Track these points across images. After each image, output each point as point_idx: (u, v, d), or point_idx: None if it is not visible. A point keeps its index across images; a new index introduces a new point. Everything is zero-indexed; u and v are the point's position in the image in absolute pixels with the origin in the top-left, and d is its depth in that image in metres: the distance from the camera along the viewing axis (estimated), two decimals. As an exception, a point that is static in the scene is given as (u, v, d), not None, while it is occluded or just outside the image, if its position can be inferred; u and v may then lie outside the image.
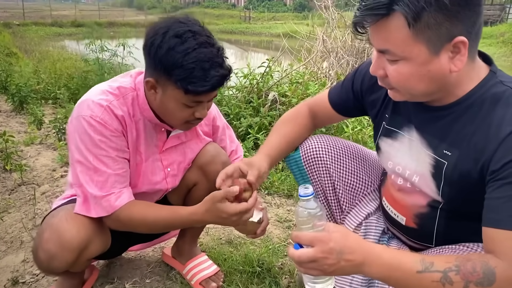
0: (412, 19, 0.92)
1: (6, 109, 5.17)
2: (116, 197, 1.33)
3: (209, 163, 1.57)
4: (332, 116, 1.48)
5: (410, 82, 1.02)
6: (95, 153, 1.30)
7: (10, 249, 2.15)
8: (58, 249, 1.29)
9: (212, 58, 1.24)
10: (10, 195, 2.80)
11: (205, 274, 1.70)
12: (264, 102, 4.10)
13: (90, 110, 1.29)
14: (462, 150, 1.06)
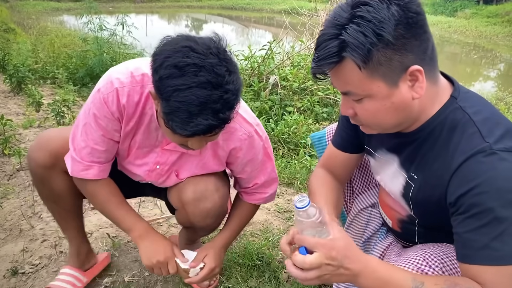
0: (362, 62, 0.94)
1: (4, 90, 5.11)
2: (83, 168, 1.41)
3: (188, 203, 1.50)
4: (345, 160, 1.40)
5: (378, 117, 1.05)
6: (87, 121, 1.34)
7: (9, 237, 2.14)
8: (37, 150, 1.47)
9: (205, 103, 1.05)
10: (9, 180, 2.79)
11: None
12: (265, 86, 4.06)
13: (103, 84, 1.31)
14: (425, 175, 1.09)
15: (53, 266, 1.85)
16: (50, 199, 1.58)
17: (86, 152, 1.37)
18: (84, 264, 1.73)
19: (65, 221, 1.66)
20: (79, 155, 1.38)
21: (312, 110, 3.83)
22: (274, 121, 3.60)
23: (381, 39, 0.92)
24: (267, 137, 1.53)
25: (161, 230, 2.10)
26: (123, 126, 1.36)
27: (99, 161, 1.41)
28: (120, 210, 1.48)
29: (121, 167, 1.54)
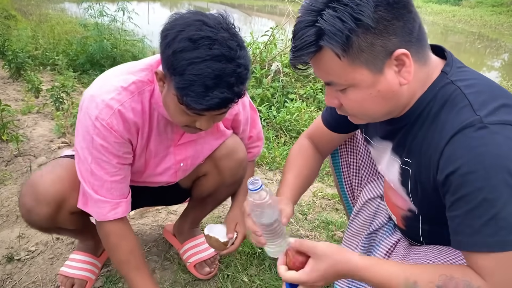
0: (341, 50, 0.88)
1: (3, 76, 5.05)
2: (110, 208, 1.30)
3: (223, 158, 1.49)
4: (331, 138, 1.40)
5: (365, 106, 0.98)
6: (95, 156, 1.24)
7: (6, 223, 2.11)
8: (33, 202, 1.30)
9: (221, 76, 1.04)
10: (7, 166, 2.75)
11: (200, 257, 1.67)
12: (267, 73, 3.99)
13: (98, 111, 1.20)
14: (417, 159, 1.02)
15: (49, 253, 1.82)
16: (61, 232, 1.55)
17: (106, 189, 1.28)
18: (97, 251, 1.69)
19: (77, 234, 1.63)
20: (100, 194, 1.28)
21: (314, 98, 3.77)
22: (276, 109, 3.54)
23: (360, 23, 0.85)
24: None
25: (160, 217, 2.06)
26: (138, 140, 1.30)
27: (123, 195, 1.33)
28: (137, 275, 1.36)
29: (139, 183, 1.46)
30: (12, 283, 1.68)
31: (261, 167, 2.75)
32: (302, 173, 1.39)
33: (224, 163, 1.49)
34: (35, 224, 1.37)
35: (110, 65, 5.34)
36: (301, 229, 1.97)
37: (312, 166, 1.43)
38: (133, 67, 1.28)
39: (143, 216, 2.06)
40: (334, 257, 0.98)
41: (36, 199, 1.30)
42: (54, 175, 1.33)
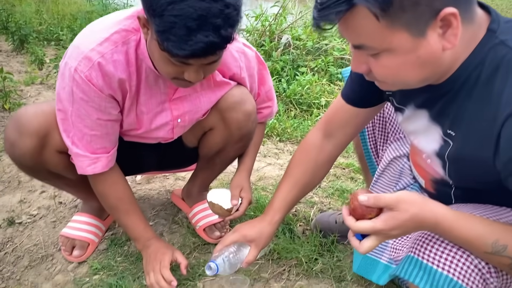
0: (379, 9, 0.73)
1: (6, 49, 4.96)
2: (89, 162, 1.25)
3: (229, 110, 1.36)
4: (351, 116, 1.22)
5: (399, 73, 0.84)
6: (75, 108, 1.17)
7: (7, 189, 2.03)
8: (16, 134, 1.23)
9: (205, 17, 0.92)
10: (9, 134, 2.67)
11: (210, 221, 1.57)
12: (276, 45, 3.86)
13: (77, 62, 1.11)
14: (464, 132, 0.89)
15: (51, 217, 1.73)
16: (52, 178, 1.41)
17: (86, 141, 1.22)
18: (102, 213, 1.60)
19: (75, 188, 1.53)
20: (80, 147, 1.22)
21: (326, 71, 3.64)
22: (286, 81, 3.42)
23: None
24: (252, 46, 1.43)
25: (168, 183, 1.97)
26: (124, 96, 1.21)
27: (104, 150, 1.26)
28: (128, 219, 1.37)
29: (137, 138, 1.38)
30: (13, 246, 1.60)
31: (271, 138, 2.65)
32: (301, 181, 1.29)
33: (231, 115, 1.37)
34: (20, 161, 1.28)
35: (115, 40, 5.25)
36: (315, 196, 1.88)
37: (313, 170, 1.30)
38: (119, 15, 1.18)
39: (150, 182, 1.97)
40: (417, 206, 0.87)
41: (19, 131, 1.22)
42: (38, 108, 1.27)
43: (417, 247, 0.96)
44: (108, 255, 1.49)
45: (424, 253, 0.94)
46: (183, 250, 1.49)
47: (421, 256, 0.94)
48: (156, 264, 1.30)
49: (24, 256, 1.55)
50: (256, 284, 1.36)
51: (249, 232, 1.25)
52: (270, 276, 1.40)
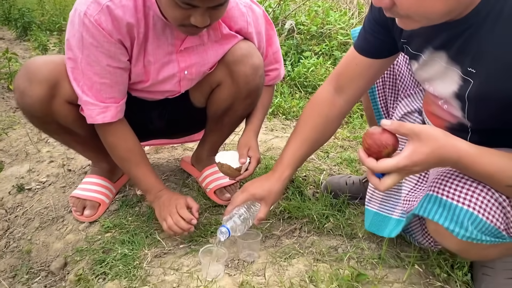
0: None
1: (9, 38, 4.98)
2: (99, 111, 1.25)
3: (236, 63, 1.35)
4: (367, 68, 1.21)
5: (424, 4, 0.81)
6: (85, 55, 1.17)
7: (15, 161, 2.03)
8: (26, 82, 1.23)
9: None
10: (15, 112, 2.67)
11: (220, 183, 1.57)
12: (280, 31, 3.86)
13: (86, 6, 1.12)
14: (486, 69, 0.87)
15: (61, 182, 1.74)
16: (60, 132, 1.41)
17: (96, 89, 1.22)
18: (113, 175, 1.62)
19: (84, 145, 1.53)
20: (89, 95, 1.22)
21: (330, 55, 3.64)
22: (291, 64, 3.43)
23: None
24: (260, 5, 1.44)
25: (176, 153, 1.97)
26: (132, 43, 1.21)
27: (114, 100, 1.26)
28: (138, 171, 1.37)
29: (144, 93, 1.38)
30: (23, 210, 1.61)
31: (278, 116, 2.65)
32: (311, 137, 1.29)
33: (238, 68, 1.35)
34: (30, 111, 1.28)
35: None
36: (324, 164, 1.88)
37: (324, 125, 1.29)
38: None
39: (158, 152, 1.97)
40: (440, 141, 0.88)
41: (28, 79, 1.23)
42: (48, 58, 1.28)
43: (436, 185, 0.96)
44: (119, 215, 1.49)
45: (444, 189, 0.94)
46: (194, 211, 1.50)
47: (441, 193, 0.94)
48: (172, 208, 1.30)
49: (34, 218, 1.55)
50: (267, 240, 1.36)
51: (258, 191, 1.26)
52: (282, 233, 1.40)
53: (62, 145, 2.09)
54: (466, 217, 0.90)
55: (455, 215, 0.91)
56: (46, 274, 1.32)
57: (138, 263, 1.25)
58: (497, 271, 1.17)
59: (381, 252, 1.26)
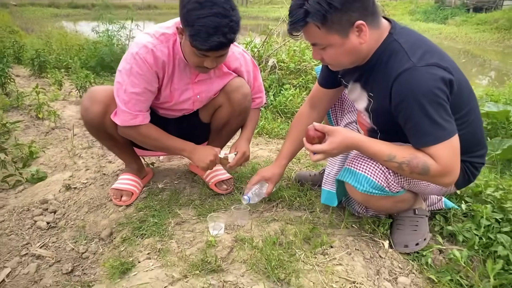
0: (320, 24, 1.38)
1: (24, 75, 5.57)
2: (131, 117, 1.83)
3: (233, 91, 1.99)
4: (326, 95, 1.90)
5: (337, 59, 1.49)
6: (131, 79, 1.77)
7: (56, 171, 2.60)
8: (89, 102, 1.88)
9: (218, 27, 1.52)
10: (46, 136, 3.24)
11: (219, 178, 2.17)
12: (264, 67, 4.53)
13: (138, 49, 1.74)
14: (376, 92, 1.52)
15: (100, 182, 2.31)
16: (107, 139, 2.02)
17: (132, 103, 1.80)
18: (141, 174, 2.20)
19: (121, 150, 2.13)
20: (127, 106, 1.80)
21: (306, 87, 4.31)
22: (273, 95, 4.08)
23: (332, 6, 1.35)
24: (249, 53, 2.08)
25: (185, 161, 2.56)
26: (164, 73, 1.82)
27: (142, 110, 1.85)
28: (171, 140, 1.95)
29: (169, 110, 1.99)
30: (73, 201, 2.17)
31: (263, 135, 3.27)
32: (296, 137, 1.96)
33: (234, 95, 1.98)
34: (90, 122, 1.90)
35: (119, 67, 5.85)
36: (296, 167, 2.49)
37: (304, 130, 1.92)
38: (163, 25, 1.83)
39: (170, 160, 2.57)
40: (345, 134, 1.51)
41: (90, 100, 1.87)
42: (102, 87, 1.93)
43: (349, 162, 1.59)
44: (147, 200, 2.07)
45: (352, 163, 1.57)
46: (202, 196, 2.09)
47: (350, 165, 1.57)
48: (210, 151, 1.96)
49: (83, 206, 2.11)
50: (253, 214, 1.94)
51: (265, 174, 1.94)
52: (264, 209, 1.99)
53: (93, 158, 2.68)
54: (363, 179, 1.52)
55: (357, 177, 1.54)
56: (98, 240, 1.89)
57: (165, 227, 1.83)
58: (406, 226, 1.77)
59: (329, 216, 1.86)
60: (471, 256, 1.66)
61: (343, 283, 1.48)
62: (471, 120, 1.54)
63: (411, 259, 1.69)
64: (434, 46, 1.47)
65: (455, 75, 1.40)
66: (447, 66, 1.39)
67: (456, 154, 1.43)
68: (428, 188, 1.64)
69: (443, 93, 1.36)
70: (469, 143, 1.56)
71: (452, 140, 1.40)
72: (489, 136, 3.04)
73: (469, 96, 1.54)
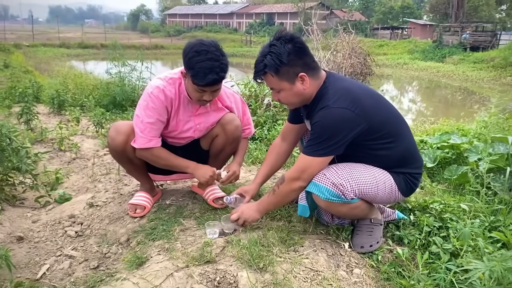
0: (274, 73, 1.97)
1: (44, 112, 6.14)
2: (146, 141, 2.33)
3: (227, 124, 2.50)
4: (293, 129, 2.43)
5: (289, 100, 2.07)
6: (147, 113, 2.29)
7: (79, 193, 3.08)
8: (115, 133, 2.38)
9: (212, 68, 2.08)
10: (69, 165, 3.75)
11: (216, 195, 2.64)
12: (260, 105, 5.09)
13: (152, 89, 2.29)
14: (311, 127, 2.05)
15: (118, 200, 2.79)
16: (127, 162, 2.50)
17: (147, 131, 2.31)
18: (152, 192, 2.68)
19: (138, 172, 2.62)
20: (143, 133, 2.30)
21: (297, 123, 4.83)
22: (267, 129, 4.59)
23: (281, 62, 1.93)
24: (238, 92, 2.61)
25: (187, 184, 3.05)
26: (172, 108, 2.34)
27: (155, 136, 2.35)
28: (178, 160, 2.43)
29: (175, 138, 2.50)
30: (96, 215, 2.64)
31: (256, 164, 3.76)
32: (270, 162, 2.50)
33: (228, 127, 2.49)
34: (115, 149, 2.39)
35: (129, 105, 6.37)
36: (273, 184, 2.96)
37: (277, 157, 2.49)
38: (171, 72, 2.37)
39: (176, 183, 3.06)
40: (246, 204, 2.18)
41: (116, 131, 2.37)
42: (125, 122, 2.43)
43: (314, 178, 2.07)
44: (157, 213, 2.54)
45: (316, 178, 2.05)
46: (202, 210, 2.57)
47: (314, 179, 2.05)
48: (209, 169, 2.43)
49: (105, 219, 2.59)
50: (243, 224, 2.41)
51: (245, 188, 2.43)
52: (251, 220, 2.45)
53: (110, 182, 3.17)
54: (323, 188, 1.99)
55: (319, 188, 2.01)
56: (118, 244, 2.35)
57: (172, 233, 2.29)
58: (363, 231, 2.23)
59: (302, 225, 2.32)
60: (413, 254, 2.11)
61: (308, 272, 1.93)
62: (402, 142, 2.08)
63: (366, 257, 2.14)
64: (355, 93, 1.98)
65: (365, 116, 1.94)
66: (355, 109, 1.92)
67: (309, 168, 2.01)
68: (377, 196, 2.10)
69: (343, 127, 1.92)
70: (404, 158, 2.11)
71: (316, 159, 1.98)
72: (451, 164, 3.50)
73: (396, 126, 2.09)
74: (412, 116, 13.89)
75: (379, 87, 11.39)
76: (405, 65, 27.85)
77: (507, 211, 2.46)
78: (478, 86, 21.20)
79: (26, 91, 6.64)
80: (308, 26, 6.85)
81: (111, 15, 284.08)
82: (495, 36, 29.35)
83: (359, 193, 2.04)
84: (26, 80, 9.71)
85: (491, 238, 2.17)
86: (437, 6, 46.96)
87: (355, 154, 2.08)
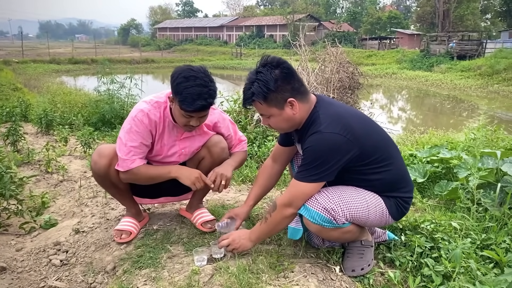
0: (263, 101, 1.95)
1: (32, 132, 6.07)
2: (130, 162, 2.28)
3: (212, 146, 2.46)
4: (284, 151, 2.40)
5: (279, 125, 2.04)
6: (130, 136, 2.25)
7: (65, 218, 3.02)
8: (97, 157, 2.33)
9: (200, 94, 2.05)
10: (55, 188, 3.68)
11: (204, 219, 2.59)
12: (250, 121, 5.06)
13: (136, 112, 2.25)
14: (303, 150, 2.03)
15: (104, 226, 2.73)
16: (111, 187, 2.45)
17: (131, 154, 2.26)
18: (139, 217, 2.63)
19: (122, 196, 2.57)
20: (126, 156, 2.26)
21: (287, 138, 4.81)
22: (258, 146, 4.56)
23: (269, 89, 1.91)
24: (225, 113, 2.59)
25: (175, 207, 3.00)
26: (156, 132, 2.31)
27: (139, 156, 2.30)
28: (159, 168, 2.36)
29: (160, 162, 2.45)
30: (82, 241, 2.58)
31: (246, 183, 3.72)
32: (262, 184, 2.46)
33: (214, 149, 2.46)
34: (98, 173, 2.34)
35: (118, 122, 6.35)
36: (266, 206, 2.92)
37: (268, 178, 2.46)
38: (157, 95, 2.34)
39: (164, 206, 3.01)
40: (237, 232, 2.12)
41: (99, 155, 2.32)
42: (108, 145, 2.39)
43: (307, 202, 2.04)
44: (144, 239, 2.49)
45: (308, 202, 2.01)
46: (190, 235, 2.52)
47: (306, 203, 2.02)
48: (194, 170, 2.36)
49: (91, 245, 2.53)
50: (232, 248, 2.37)
51: (235, 211, 2.39)
52: (240, 244, 2.41)
53: (97, 206, 3.11)
54: (314, 213, 1.96)
55: (310, 212, 1.97)
56: (103, 272, 2.29)
57: (159, 260, 2.24)
58: (354, 254, 2.20)
59: (292, 248, 2.28)
60: (405, 277, 2.08)
61: (299, 299, 1.89)
62: (392, 167, 2.04)
63: (357, 280, 2.10)
64: (346, 119, 1.96)
65: (357, 142, 1.92)
66: (346, 134, 1.90)
67: (302, 195, 1.99)
68: (368, 221, 2.07)
69: (335, 153, 1.90)
70: (395, 182, 2.07)
71: (308, 184, 1.95)
72: (441, 178, 3.49)
73: (387, 150, 2.05)
74: (402, 125, 13.99)
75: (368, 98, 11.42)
76: (394, 75, 28.05)
77: (498, 228, 2.45)
78: (466, 94, 21.41)
79: (13, 110, 6.56)
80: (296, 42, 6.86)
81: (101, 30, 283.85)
82: (481, 45, 29.66)
83: (350, 217, 2.01)
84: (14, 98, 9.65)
85: (483, 257, 2.14)
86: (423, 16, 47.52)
87: (347, 179, 2.05)
